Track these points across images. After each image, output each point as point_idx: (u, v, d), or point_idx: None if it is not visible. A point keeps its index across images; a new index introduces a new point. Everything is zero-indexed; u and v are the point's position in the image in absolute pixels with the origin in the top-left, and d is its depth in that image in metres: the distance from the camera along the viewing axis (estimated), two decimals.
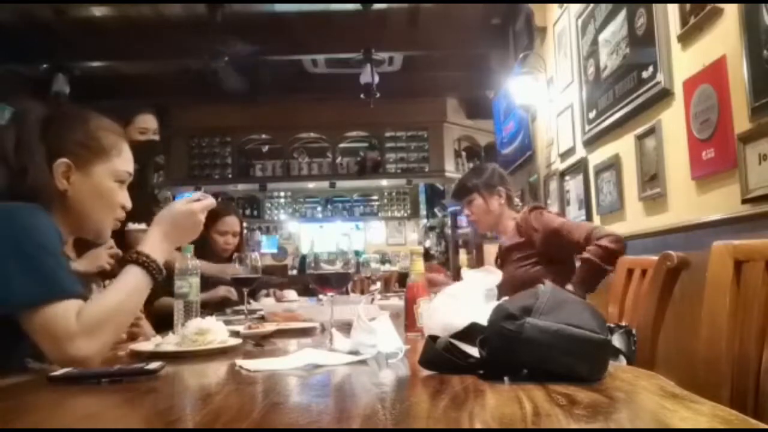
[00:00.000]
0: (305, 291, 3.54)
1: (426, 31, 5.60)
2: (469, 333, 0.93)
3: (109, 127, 1.27)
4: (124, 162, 1.27)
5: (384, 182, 8.47)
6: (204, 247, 2.78)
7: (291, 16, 5.43)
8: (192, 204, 1.27)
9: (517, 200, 2.49)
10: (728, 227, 2.10)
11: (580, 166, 3.58)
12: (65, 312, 1.04)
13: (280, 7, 5.25)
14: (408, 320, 1.47)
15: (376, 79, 5.48)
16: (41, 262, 1.05)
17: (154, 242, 1.21)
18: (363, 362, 1.06)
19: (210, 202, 1.31)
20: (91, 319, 1.05)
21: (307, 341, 1.48)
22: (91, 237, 1.29)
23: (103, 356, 1.11)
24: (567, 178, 3.85)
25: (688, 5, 2.38)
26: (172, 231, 1.24)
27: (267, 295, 3.08)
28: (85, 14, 5.26)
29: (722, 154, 2.17)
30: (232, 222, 2.94)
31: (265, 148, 7.97)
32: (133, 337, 1.56)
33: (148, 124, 2.93)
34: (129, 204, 1.29)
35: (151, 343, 1.32)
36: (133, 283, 1.15)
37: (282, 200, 9.01)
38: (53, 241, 1.10)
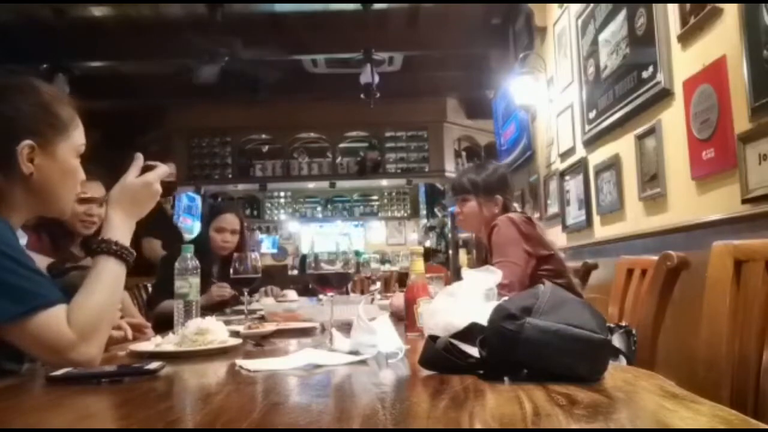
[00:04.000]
0: (305, 291, 3.54)
1: (426, 31, 5.60)
2: (469, 333, 0.93)
3: (63, 98, 1.19)
4: (81, 134, 1.21)
5: (384, 182, 8.47)
6: (204, 245, 2.78)
7: (291, 16, 5.43)
8: (147, 176, 1.20)
9: (515, 206, 2.27)
10: (728, 227, 2.10)
11: (580, 166, 3.58)
12: (54, 321, 1.00)
13: (280, 7, 5.25)
14: (408, 320, 1.47)
15: (376, 79, 5.47)
16: (10, 273, 0.98)
17: (117, 225, 1.15)
18: (363, 362, 1.06)
19: (164, 170, 1.23)
20: (85, 323, 1.03)
21: (307, 341, 1.48)
22: (54, 215, 1.23)
23: (103, 350, 1.10)
24: (567, 178, 3.85)
25: (688, 5, 2.37)
26: (130, 207, 1.18)
27: (266, 294, 3.09)
28: (85, 14, 5.26)
29: (722, 154, 2.17)
30: (230, 219, 2.92)
31: (265, 148, 7.97)
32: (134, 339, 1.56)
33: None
34: (84, 177, 1.22)
35: (151, 343, 1.32)
36: (112, 276, 1.11)
37: (282, 200, 9.02)
38: (12, 244, 1.02)
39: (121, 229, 1.15)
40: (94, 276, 1.10)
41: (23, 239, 1.86)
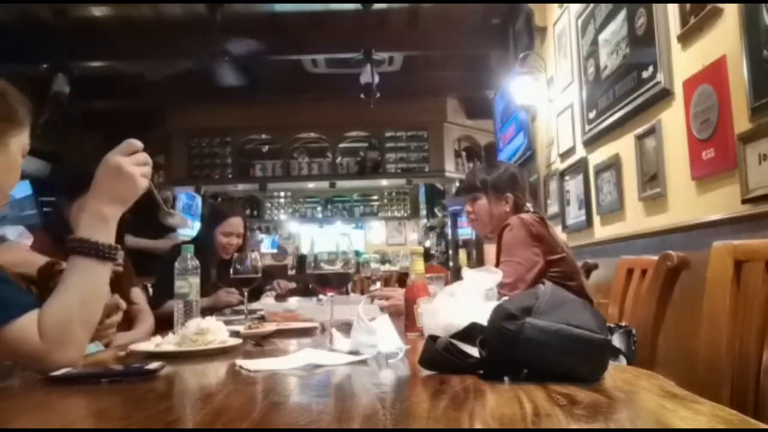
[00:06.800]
0: (305, 291, 3.54)
1: (426, 31, 5.60)
2: (469, 333, 0.93)
3: (21, 97, 1.14)
4: (28, 134, 1.15)
5: (384, 182, 8.47)
6: (206, 246, 2.80)
7: (291, 16, 5.43)
8: (118, 159, 1.10)
9: (528, 205, 2.23)
10: (728, 227, 2.10)
11: (580, 166, 3.58)
12: (25, 331, 0.97)
13: (280, 7, 5.25)
14: (408, 320, 1.47)
15: (376, 79, 5.47)
16: None
17: (87, 218, 1.08)
18: (363, 362, 1.06)
19: (128, 145, 1.12)
20: (54, 330, 0.99)
21: (307, 341, 1.48)
22: None
23: (84, 351, 1.08)
24: (567, 178, 3.85)
25: (688, 5, 2.37)
26: (107, 196, 1.09)
27: (271, 289, 3.11)
28: (85, 14, 5.26)
29: (722, 154, 2.17)
30: (236, 223, 2.98)
31: (265, 148, 7.97)
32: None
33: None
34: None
35: (151, 343, 1.32)
36: (80, 275, 1.04)
37: (282, 200, 9.02)
38: None
39: (92, 227, 1.07)
40: (62, 278, 1.05)
41: (29, 240, 1.86)
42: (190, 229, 6.35)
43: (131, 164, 1.11)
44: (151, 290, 3.01)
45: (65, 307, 1.02)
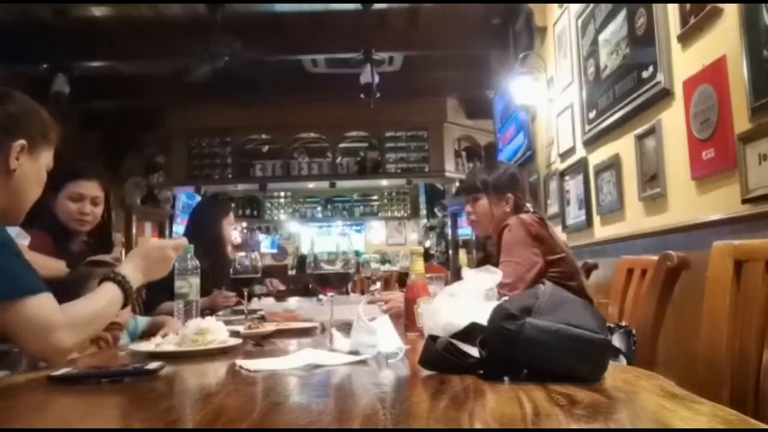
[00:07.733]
0: (305, 291, 3.55)
1: (426, 31, 5.60)
2: (469, 333, 0.93)
3: (52, 121, 1.30)
4: (52, 155, 1.30)
5: (384, 182, 8.47)
6: (216, 240, 2.84)
7: (291, 16, 5.43)
8: (163, 241, 1.37)
9: (528, 205, 2.22)
10: (728, 227, 2.10)
11: (580, 166, 3.58)
12: (45, 304, 1.06)
13: (280, 7, 5.25)
14: (408, 320, 1.47)
15: (376, 79, 5.47)
16: (6, 262, 1.06)
17: (128, 268, 1.27)
18: (363, 362, 1.06)
19: (182, 242, 1.43)
20: (77, 313, 1.11)
21: (307, 341, 1.48)
22: (9, 220, 1.26)
23: (75, 349, 1.15)
24: (567, 178, 3.85)
25: (688, 5, 2.37)
26: (142, 263, 1.31)
27: (267, 286, 3.11)
28: (85, 14, 5.26)
29: (722, 154, 2.17)
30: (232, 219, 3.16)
31: (265, 148, 7.97)
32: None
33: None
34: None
35: (151, 343, 1.32)
36: (110, 296, 1.21)
37: (282, 200, 9.02)
38: (8, 238, 1.10)
39: (129, 272, 1.26)
40: (95, 291, 1.21)
41: (26, 240, 1.86)
42: None
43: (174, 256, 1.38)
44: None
45: (92, 305, 1.16)
